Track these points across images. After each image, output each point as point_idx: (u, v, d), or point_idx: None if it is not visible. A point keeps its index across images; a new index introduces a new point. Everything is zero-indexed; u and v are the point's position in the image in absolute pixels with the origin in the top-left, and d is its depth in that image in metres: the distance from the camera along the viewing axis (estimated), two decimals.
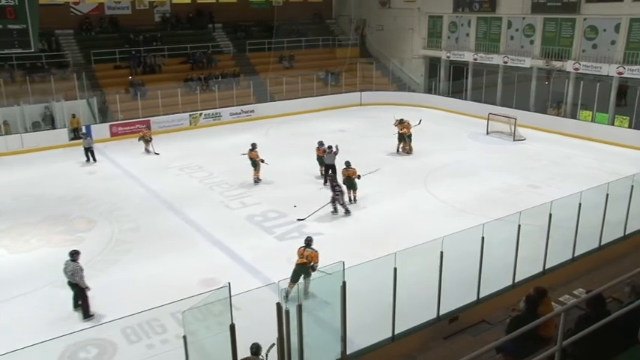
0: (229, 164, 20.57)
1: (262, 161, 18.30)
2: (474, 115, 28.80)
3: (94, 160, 21.31)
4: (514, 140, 24.09)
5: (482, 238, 9.44)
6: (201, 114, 27.41)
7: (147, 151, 22.68)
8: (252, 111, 29.06)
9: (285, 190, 17.59)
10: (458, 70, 31.75)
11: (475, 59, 30.10)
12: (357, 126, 27.11)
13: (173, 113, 26.79)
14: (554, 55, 26.70)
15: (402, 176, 19.24)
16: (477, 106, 29.19)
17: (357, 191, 16.46)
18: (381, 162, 19.71)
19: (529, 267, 10.62)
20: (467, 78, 31.30)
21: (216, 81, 29.32)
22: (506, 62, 28.47)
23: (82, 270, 10.63)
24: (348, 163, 16.64)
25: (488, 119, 25.41)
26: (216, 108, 27.97)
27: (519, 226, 9.96)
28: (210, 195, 17.42)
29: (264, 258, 13.02)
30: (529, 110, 27.46)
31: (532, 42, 27.82)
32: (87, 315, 10.65)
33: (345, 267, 7.75)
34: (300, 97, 30.76)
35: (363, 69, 34.19)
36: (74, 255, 10.71)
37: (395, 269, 8.36)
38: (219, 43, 32.75)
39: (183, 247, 13.70)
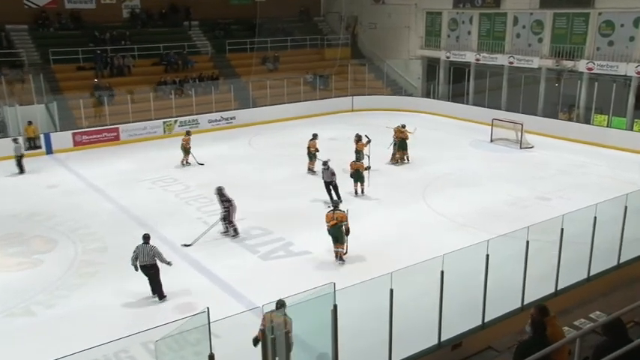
0: (208, 176, 20.54)
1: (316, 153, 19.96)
2: (476, 121, 29.03)
3: (22, 171, 20.97)
4: (521, 148, 24.31)
5: (487, 255, 9.44)
6: (176, 121, 27.39)
7: (186, 163, 22.08)
8: (233, 118, 29.13)
9: (271, 205, 17.56)
10: (459, 71, 32.07)
11: (477, 60, 30.43)
12: (349, 133, 27.20)
13: (145, 120, 26.76)
14: (565, 54, 26.99)
15: (399, 187, 19.29)
16: (479, 111, 29.46)
17: (364, 184, 18.19)
18: (376, 172, 19.75)
19: (539, 287, 10.62)
20: (468, 80, 31.61)
21: (193, 85, 29.39)
22: (511, 63, 28.80)
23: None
24: (357, 157, 18.45)
25: (492, 125, 25.63)
26: (192, 114, 27.99)
27: (528, 242, 9.99)
28: (187, 211, 17.33)
29: (247, 280, 12.95)
30: (537, 115, 27.75)
31: (540, 40, 28.16)
32: (162, 296, 12.18)
33: (337, 288, 7.73)
34: (286, 103, 30.91)
35: (354, 71, 34.42)
36: (147, 238, 12.44)
37: (391, 291, 8.32)
38: (195, 43, 32.87)
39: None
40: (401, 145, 21.91)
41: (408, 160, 22.11)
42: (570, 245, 10.65)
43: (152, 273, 12.21)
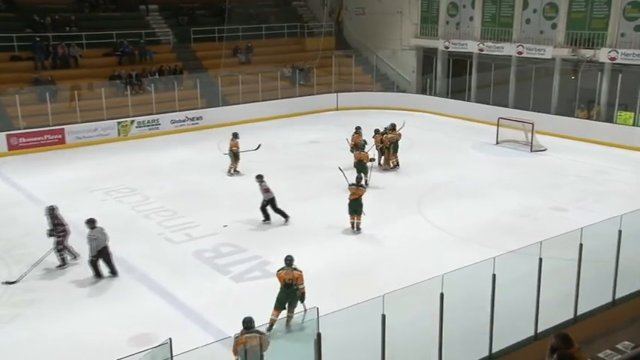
0: (171, 186, 20.42)
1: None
2: (479, 121, 29.24)
3: None
4: (532, 151, 24.53)
5: (494, 275, 9.47)
6: (132, 121, 27.27)
7: (234, 172, 21.83)
8: (200, 118, 29.08)
9: (244, 218, 17.49)
10: (459, 64, 32.32)
11: (481, 50, 30.68)
12: (333, 136, 27.25)
13: (96, 120, 26.59)
14: (583, 41, 27.20)
15: (390, 197, 19.33)
16: (483, 110, 29.69)
17: (367, 175, 19.34)
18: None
19: (556, 313, 10.65)
20: (471, 74, 31.87)
21: (152, 79, 29.31)
22: (521, 53, 29.04)
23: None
24: (362, 146, 19.54)
25: (498, 125, 25.83)
26: (152, 114, 27.90)
27: (541, 259, 10.03)
28: (146, 225, 17.21)
29: (217, 305, 12.85)
30: (550, 113, 28.03)
31: (554, 26, 28.42)
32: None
33: (321, 314, 7.70)
34: (261, 100, 30.92)
35: (339, 64, 34.51)
36: (93, 222, 13.88)
37: (383, 316, 8.32)
38: (155, 31, 32.79)
39: (109, 295, 13.43)
40: (394, 147, 21.97)
41: (398, 164, 22.20)
42: (591, 264, 10.69)
43: (108, 252, 13.99)
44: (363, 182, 17.84)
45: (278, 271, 11.78)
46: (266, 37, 35.03)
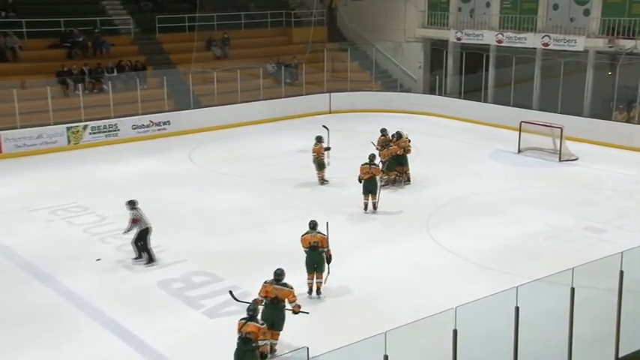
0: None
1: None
2: (498, 125, 29.33)
3: None
4: (561, 161, 24.60)
5: (517, 308, 9.44)
6: (85, 127, 27.21)
7: (324, 181, 22.11)
8: (168, 122, 29.05)
9: (220, 243, 17.43)
10: (474, 58, 32.43)
11: (500, 42, 30.80)
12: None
13: (40, 125, 26.50)
14: (621, 30, 27.27)
15: (393, 216, 19.30)
16: (502, 112, 29.80)
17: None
18: (360, 196, 19.75)
19: (592, 354, 10.64)
20: (487, 70, 32.01)
21: (110, 76, 29.25)
22: (547, 45, 29.16)
23: None
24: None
25: (520, 130, 25.88)
26: (110, 118, 27.87)
27: (573, 289, 10.01)
28: (103, 251, 17.08)
29: (188, 345, 12.77)
30: (583, 115, 28.12)
31: (587, 12, 28.55)
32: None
33: (311, 355, 7.62)
34: (240, 102, 30.97)
35: (333, 59, 34.65)
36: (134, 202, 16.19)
37: (385, 357, 8.27)
38: (112, 18, 32.83)
39: (56, 335, 13.28)
40: (399, 160, 21.88)
41: (409, 179, 22.18)
42: (635, 294, 10.70)
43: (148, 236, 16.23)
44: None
45: (303, 235, 14.30)
46: (246, 26, 35.13)
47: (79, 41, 30.40)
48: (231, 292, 12.42)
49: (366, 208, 19.09)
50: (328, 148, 22.15)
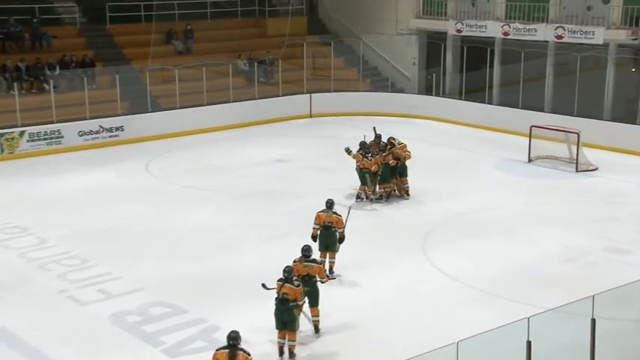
0: (79, 223, 20.25)
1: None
2: (505, 130, 29.47)
3: None
4: (578, 171, 24.72)
5: (529, 342, 9.48)
6: (22, 133, 27.05)
7: (371, 196, 21.53)
8: (121, 128, 28.95)
9: (183, 268, 17.33)
10: (476, 53, 32.55)
11: (506, 34, 30.96)
12: (305, 153, 27.31)
13: None
14: None
15: (386, 236, 19.29)
16: (510, 115, 29.94)
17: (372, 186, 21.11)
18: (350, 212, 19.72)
19: None
20: (492, 67, 32.16)
21: (52, 74, 29.16)
22: (561, 37, 29.30)
23: None
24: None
25: (530, 136, 26.01)
26: (52, 122, 27.72)
27: (594, 320, 10.04)
28: (43, 279, 16.94)
29: None
30: (602, 119, 28.29)
31: (607, 0, 28.74)
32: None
33: None
34: (207, 104, 30.95)
35: (314, 54, 34.71)
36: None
37: None
38: (54, 6, 32.73)
39: None
40: (395, 170, 21.84)
41: (407, 193, 22.18)
42: None
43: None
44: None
45: (319, 212, 16.06)
46: (212, 16, 35.17)
47: (15, 32, 30.23)
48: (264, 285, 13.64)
49: (363, 197, 21.41)
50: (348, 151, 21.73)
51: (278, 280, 13.12)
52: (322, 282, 14.03)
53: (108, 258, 17.94)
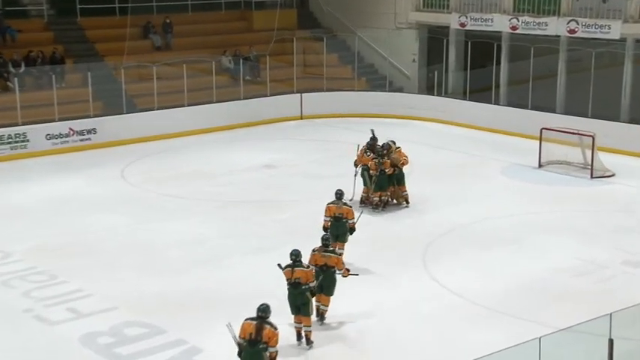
0: (46, 235, 20.18)
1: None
2: (513, 133, 29.56)
3: None
4: (593, 177, 24.75)
5: None
6: None
7: (384, 201, 21.71)
8: (93, 130, 28.94)
9: (162, 283, 17.30)
10: (482, 49, 32.68)
11: (514, 28, 31.03)
12: (296, 158, 27.32)
13: None
14: None
15: (384, 248, 19.28)
16: (518, 116, 30.04)
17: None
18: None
19: None
20: (499, 64, 32.21)
21: (17, 72, 29.12)
22: (574, 32, 29.33)
23: None
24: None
25: (540, 140, 26.06)
26: (17, 125, 27.73)
27: (612, 341, 10.05)
28: (5, 298, 16.88)
29: None
30: (620, 120, 28.34)
31: None
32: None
33: None
34: (188, 105, 30.96)
35: (305, 50, 34.78)
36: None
37: None
38: None
39: None
40: (392, 177, 21.84)
41: (407, 201, 22.23)
42: None
43: None
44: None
45: (328, 204, 17.47)
46: (194, 9, 35.25)
47: None
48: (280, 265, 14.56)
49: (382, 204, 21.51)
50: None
51: (285, 267, 14.17)
52: (343, 275, 15.19)
53: (79, 273, 17.86)
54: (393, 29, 34.87)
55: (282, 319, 13.56)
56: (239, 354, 12.19)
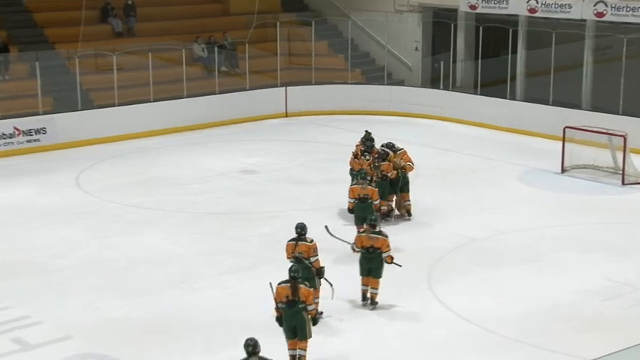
0: None
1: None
2: (531, 133, 29.72)
3: None
4: (624, 184, 24.84)
5: None
6: None
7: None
8: (43, 130, 28.92)
9: (125, 308, 17.24)
10: (495, 35, 32.82)
11: (533, 11, 31.17)
12: (279, 161, 27.38)
13: None
14: None
15: (385, 267, 19.16)
16: (537, 113, 30.16)
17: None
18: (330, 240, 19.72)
19: None
20: (515, 52, 32.30)
21: None
22: (602, 15, 29.43)
23: None
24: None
25: (564, 140, 26.11)
26: None
27: None
28: None
29: None
30: None
31: None
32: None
33: None
34: (154, 101, 31.05)
35: (290, 37, 34.89)
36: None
37: None
38: None
39: None
40: (393, 184, 21.88)
41: (409, 212, 22.25)
42: None
43: None
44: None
45: (351, 186, 19.78)
46: None
47: None
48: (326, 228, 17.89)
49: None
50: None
51: (289, 241, 16.01)
52: (386, 261, 16.60)
53: (26, 297, 17.80)
54: (392, 12, 34.99)
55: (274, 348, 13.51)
56: (278, 319, 13.98)
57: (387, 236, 16.76)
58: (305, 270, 15.23)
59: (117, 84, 30.29)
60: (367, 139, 22.36)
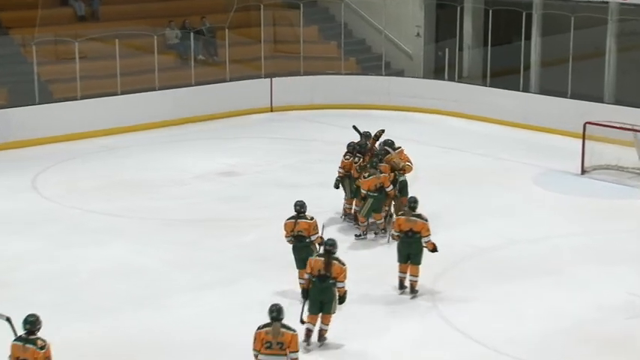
0: None
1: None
2: (547, 129, 29.86)
3: None
4: None
5: None
6: None
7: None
8: None
9: (88, 327, 17.14)
10: (507, 19, 32.98)
11: None
12: (264, 162, 27.38)
13: None
14: None
15: (381, 283, 19.11)
16: (554, 107, 30.31)
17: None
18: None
19: None
20: (529, 39, 32.42)
21: None
22: None
23: None
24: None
25: (584, 137, 26.19)
26: None
27: None
28: None
29: None
30: None
31: None
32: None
33: None
34: (122, 94, 31.13)
35: (275, 21, 35.00)
36: None
37: None
38: None
39: None
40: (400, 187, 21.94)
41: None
42: None
43: None
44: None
45: (365, 178, 20.59)
46: None
47: None
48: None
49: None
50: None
51: (288, 219, 17.45)
52: (427, 248, 17.65)
53: None
54: None
55: None
56: (303, 293, 15.40)
57: (427, 220, 17.63)
58: (304, 249, 16.83)
59: (79, 74, 30.35)
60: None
